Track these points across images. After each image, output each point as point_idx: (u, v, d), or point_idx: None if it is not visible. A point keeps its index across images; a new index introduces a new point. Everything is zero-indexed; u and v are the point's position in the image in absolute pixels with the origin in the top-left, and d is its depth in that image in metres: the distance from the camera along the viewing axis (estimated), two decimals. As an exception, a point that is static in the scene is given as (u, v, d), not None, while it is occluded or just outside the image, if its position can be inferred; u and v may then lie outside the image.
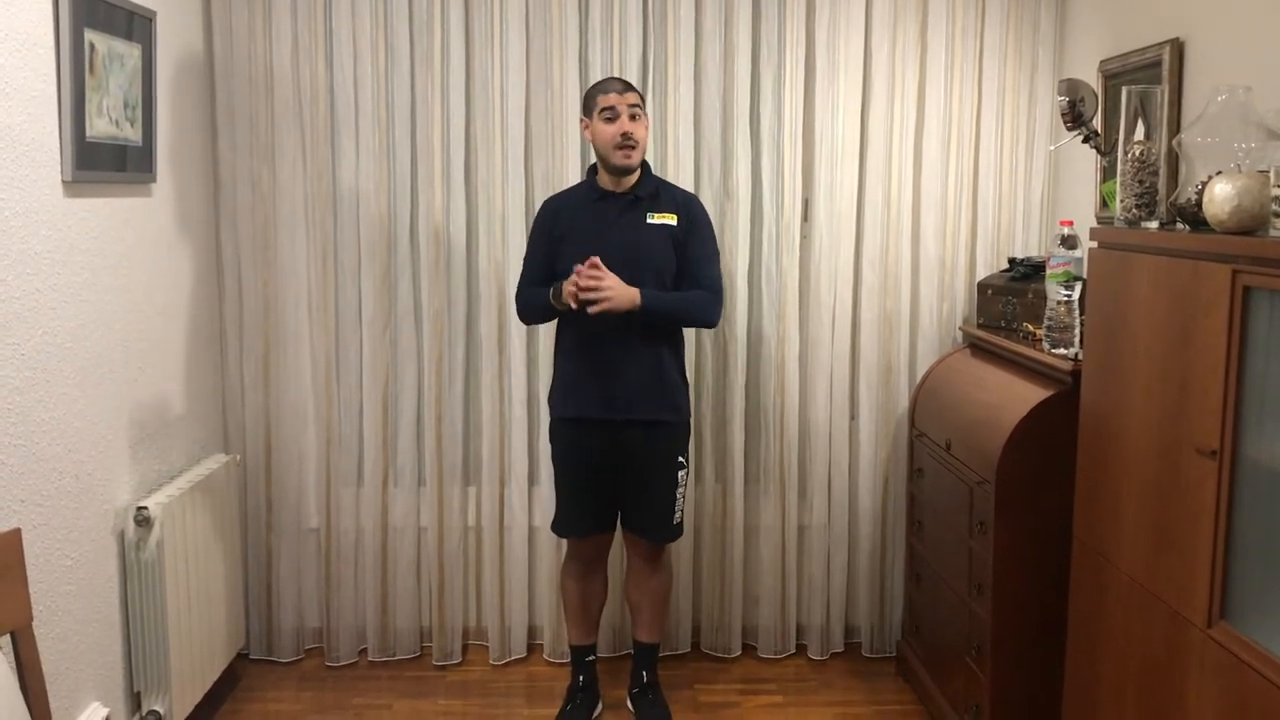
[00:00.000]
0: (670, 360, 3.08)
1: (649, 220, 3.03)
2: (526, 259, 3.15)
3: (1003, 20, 3.47)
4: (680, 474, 3.13)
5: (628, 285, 2.89)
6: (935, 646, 3.21)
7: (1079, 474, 2.47)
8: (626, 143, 2.95)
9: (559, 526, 3.21)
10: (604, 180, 3.06)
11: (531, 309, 3.11)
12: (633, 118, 2.96)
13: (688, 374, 3.28)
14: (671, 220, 3.04)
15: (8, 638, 2.06)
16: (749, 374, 3.57)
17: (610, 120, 2.96)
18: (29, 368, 2.41)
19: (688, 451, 3.18)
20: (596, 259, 2.86)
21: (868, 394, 3.57)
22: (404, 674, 3.55)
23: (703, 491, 3.61)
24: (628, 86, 3.01)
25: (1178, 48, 2.72)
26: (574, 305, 2.87)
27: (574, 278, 2.86)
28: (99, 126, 2.68)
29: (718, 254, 3.16)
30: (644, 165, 3.09)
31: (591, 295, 2.84)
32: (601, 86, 3.01)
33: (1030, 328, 3.05)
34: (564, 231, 3.05)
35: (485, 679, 3.53)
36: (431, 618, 3.62)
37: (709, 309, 3.05)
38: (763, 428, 3.59)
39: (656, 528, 3.13)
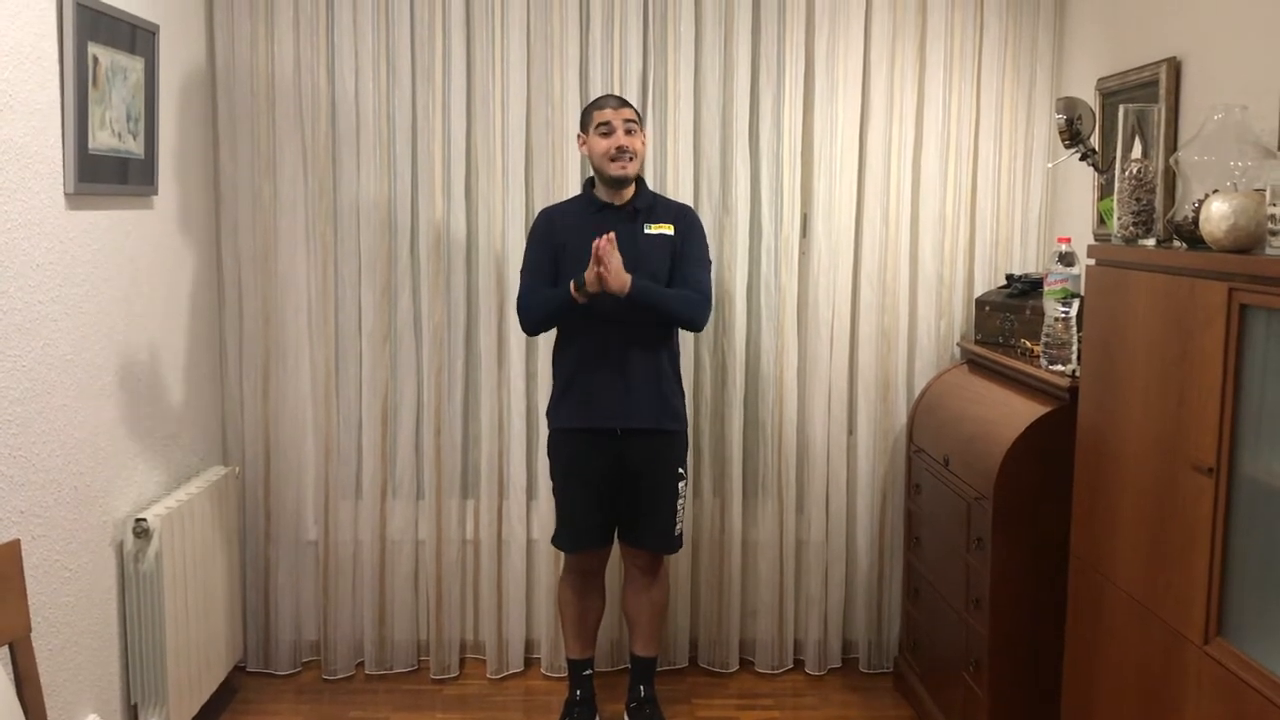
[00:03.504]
0: (668, 369, 3.10)
1: (647, 230, 3.06)
2: (528, 269, 3.14)
3: (1001, 38, 3.49)
4: (680, 484, 3.13)
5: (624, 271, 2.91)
6: (932, 662, 3.21)
7: (1076, 490, 2.48)
8: (621, 155, 2.98)
9: (562, 541, 3.21)
10: (601, 193, 3.09)
11: (542, 312, 3.08)
12: (628, 132, 3.00)
13: (686, 388, 3.29)
14: (668, 230, 3.08)
15: (6, 649, 2.06)
16: (747, 388, 3.58)
17: (606, 134, 3.00)
18: (29, 379, 2.42)
19: (687, 462, 3.19)
20: (612, 235, 2.87)
21: (866, 409, 3.58)
22: (401, 687, 3.54)
23: (701, 505, 3.61)
24: (623, 103, 3.06)
25: (1175, 66, 2.74)
26: (599, 285, 2.88)
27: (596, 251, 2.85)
28: (101, 139, 2.69)
29: (709, 263, 3.19)
30: (640, 180, 3.12)
31: (598, 268, 2.84)
32: (597, 103, 3.07)
33: (1028, 344, 3.06)
34: (566, 242, 3.06)
35: (482, 693, 3.53)
36: (429, 631, 3.62)
37: (693, 309, 3.06)
38: (761, 442, 3.59)
39: (658, 539, 3.13)
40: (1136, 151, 2.38)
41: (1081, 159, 2.83)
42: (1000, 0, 3.48)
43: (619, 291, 2.90)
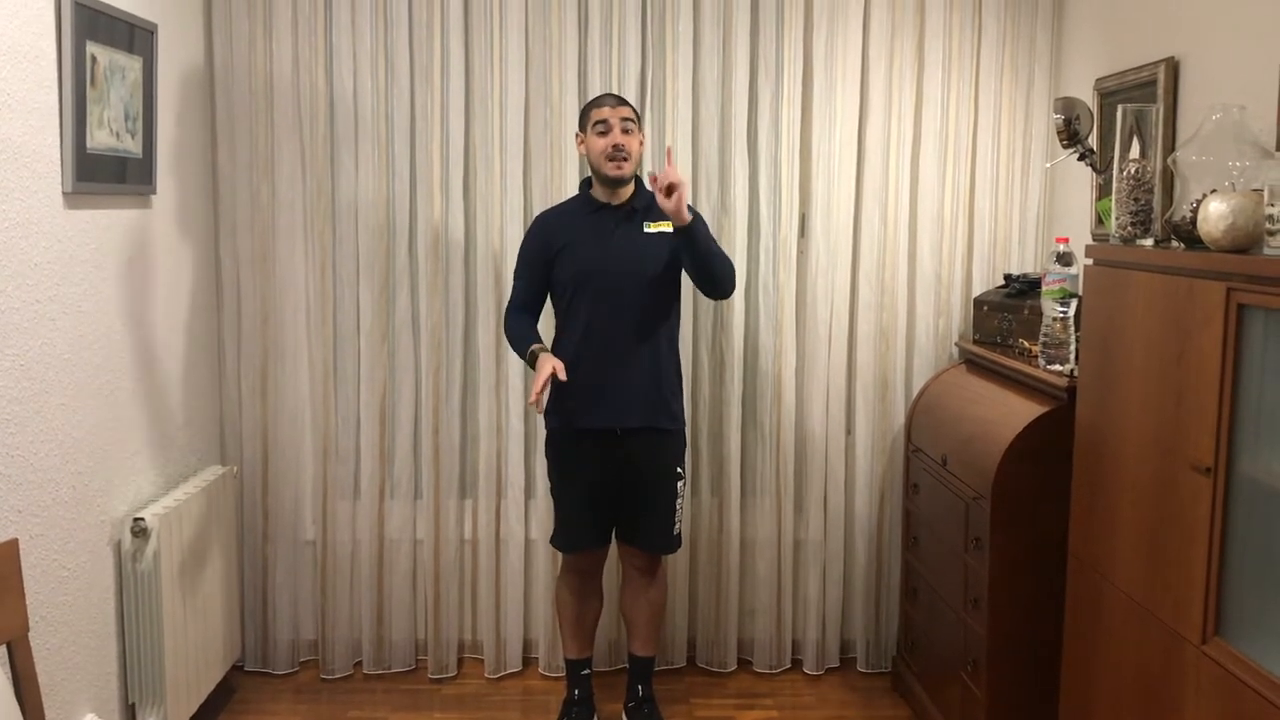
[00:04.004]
0: (668, 369, 3.10)
1: (646, 229, 3.05)
2: (518, 274, 3.16)
3: (999, 38, 3.49)
4: (679, 484, 3.13)
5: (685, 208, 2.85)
6: (931, 662, 3.21)
7: (1074, 490, 2.48)
8: (618, 154, 2.98)
9: (560, 541, 3.21)
10: (599, 193, 3.09)
11: (513, 339, 3.12)
12: (625, 131, 2.99)
13: (685, 387, 3.29)
14: (668, 228, 3.06)
15: (4, 648, 2.06)
16: (746, 388, 3.58)
17: (603, 134, 2.99)
18: (27, 378, 2.42)
19: (685, 461, 3.19)
20: (671, 148, 2.94)
21: (864, 409, 3.58)
22: (399, 687, 3.54)
23: (699, 505, 3.61)
24: (620, 101, 3.05)
25: (1172, 66, 2.74)
26: (538, 408, 2.93)
27: (535, 394, 2.86)
28: (99, 138, 2.69)
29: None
30: (638, 180, 3.12)
31: (671, 178, 2.80)
32: (595, 102, 3.06)
33: (1026, 344, 3.06)
34: (564, 243, 3.06)
35: (480, 692, 3.53)
36: (427, 630, 3.62)
37: (732, 269, 3.06)
38: (759, 441, 3.59)
39: (657, 538, 3.13)
40: (1135, 151, 2.38)
41: (1080, 159, 2.83)
42: (998, 0, 3.48)
43: (679, 219, 2.84)
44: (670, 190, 2.81)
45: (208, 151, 3.43)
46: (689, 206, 2.88)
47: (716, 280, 3.01)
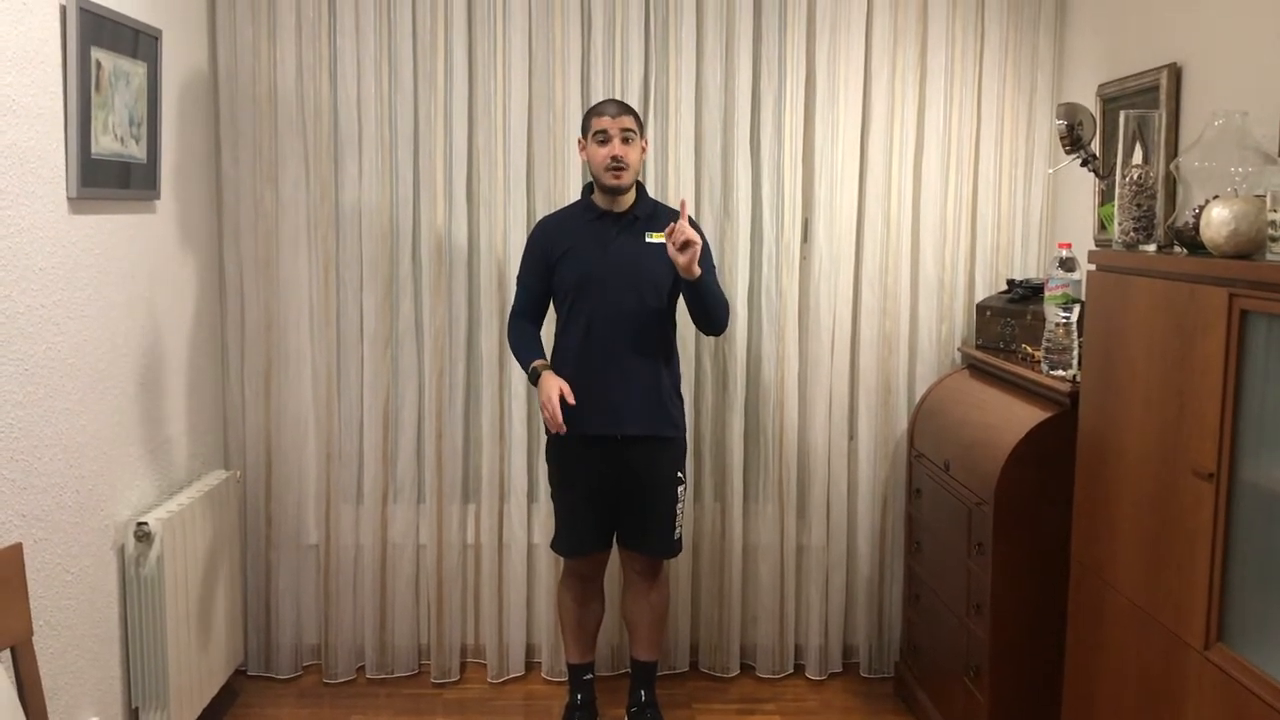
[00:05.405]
0: (667, 376, 3.10)
1: (648, 239, 3.05)
2: (521, 280, 3.17)
3: (1001, 44, 3.50)
4: (679, 489, 3.13)
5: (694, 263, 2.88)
6: (933, 667, 3.21)
7: (1077, 495, 2.48)
8: (616, 165, 2.98)
9: (560, 545, 3.21)
10: (600, 200, 3.09)
11: (514, 347, 3.15)
12: (625, 141, 2.99)
13: (687, 393, 3.29)
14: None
15: (8, 652, 2.07)
16: (748, 393, 3.58)
17: (603, 143, 2.99)
18: (32, 382, 2.42)
19: (686, 467, 3.19)
20: (685, 201, 2.96)
21: (867, 414, 3.58)
22: (402, 691, 3.54)
23: (702, 510, 3.61)
24: (622, 110, 3.03)
25: (1175, 72, 2.75)
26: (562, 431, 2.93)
27: (557, 425, 2.90)
28: (104, 144, 2.70)
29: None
30: (640, 187, 3.12)
31: (687, 235, 2.83)
32: (597, 109, 3.05)
33: (1029, 349, 3.07)
34: (565, 249, 3.07)
35: (483, 697, 3.53)
36: (430, 635, 3.62)
37: (727, 314, 3.12)
38: (762, 447, 3.60)
39: (657, 543, 3.14)
40: (1137, 157, 2.38)
41: (1082, 165, 2.84)
42: (1001, 7, 3.49)
43: (689, 273, 2.88)
44: (685, 247, 2.84)
45: (212, 157, 3.44)
46: (700, 230, 2.91)
47: (712, 321, 3.08)
